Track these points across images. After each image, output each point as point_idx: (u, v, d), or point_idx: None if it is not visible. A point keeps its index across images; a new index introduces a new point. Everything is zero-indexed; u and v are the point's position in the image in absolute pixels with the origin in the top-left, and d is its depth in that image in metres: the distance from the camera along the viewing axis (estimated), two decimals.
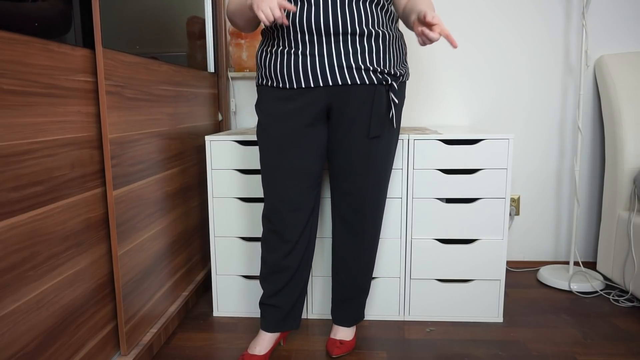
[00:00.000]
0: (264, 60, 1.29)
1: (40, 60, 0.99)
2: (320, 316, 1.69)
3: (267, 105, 1.30)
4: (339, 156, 1.33)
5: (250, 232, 1.66)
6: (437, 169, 1.58)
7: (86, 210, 1.17)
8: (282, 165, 1.30)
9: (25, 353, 0.95)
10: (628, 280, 1.77)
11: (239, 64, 2.11)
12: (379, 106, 1.26)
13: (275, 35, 1.25)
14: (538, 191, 2.16)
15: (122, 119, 1.29)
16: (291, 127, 1.27)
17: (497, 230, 1.60)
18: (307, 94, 1.25)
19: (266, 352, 1.40)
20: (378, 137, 1.30)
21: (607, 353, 1.43)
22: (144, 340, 1.41)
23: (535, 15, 2.04)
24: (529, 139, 2.13)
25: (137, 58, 1.38)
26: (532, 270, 2.13)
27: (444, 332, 1.58)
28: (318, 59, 1.21)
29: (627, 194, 1.83)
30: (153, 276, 1.49)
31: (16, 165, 0.92)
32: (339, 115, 1.28)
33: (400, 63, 1.30)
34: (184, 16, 1.78)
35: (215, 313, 1.72)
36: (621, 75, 1.90)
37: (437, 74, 2.11)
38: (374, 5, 1.22)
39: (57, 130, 1.05)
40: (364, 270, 1.45)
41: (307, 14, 1.18)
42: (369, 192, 1.35)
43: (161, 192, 1.55)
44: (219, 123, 2.15)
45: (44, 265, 1.01)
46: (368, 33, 1.21)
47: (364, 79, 1.23)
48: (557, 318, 1.67)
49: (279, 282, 1.39)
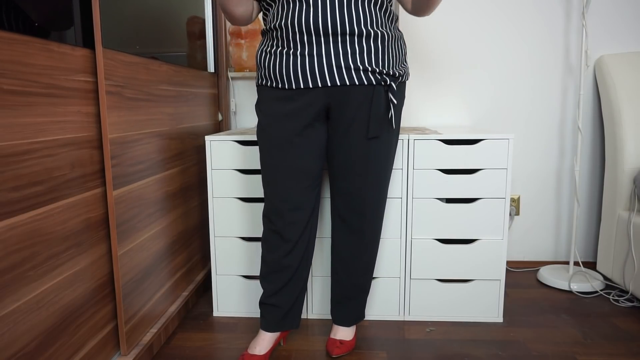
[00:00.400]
0: (263, 60, 1.29)
1: (40, 60, 0.99)
2: (320, 316, 1.69)
3: (266, 105, 1.30)
4: (338, 156, 1.33)
5: (250, 232, 1.66)
6: (437, 169, 1.58)
7: (86, 210, 1.17)
8: (281, 165, 1.30)
9: (25, 353, 0.95)
10: (628, 280, 1.77)
11: (239, 64, 2.11)
12: (378, 107, 1.26)
13: (275, 35, 1.25)
14: (538, 191, 2.16)
15: (122, 119, 1.29)
16: (290, 128, 1.27)
17: (497, 230, 1.60)
18: (306, 94, 1.25)
19: (266, 352, 1.40)
20: (377, 137, 1.30)
21: (607, 353, 1.43)
22: (144, 340, 1.41)
23: (535, 15, 2.04)
24: (529, 139, 2.13)
25: (137, 58, 1.38)
26: (532, 270, 2.13)
27: (444, 332, 1.58)
28: (317, 59, 1.21)
29: (627, 194, 1.83)
30: (153, 276, 1.49)
31: (16, 165, 0.92)
32: (338, 116, 1.28)
33: (399, 63, 1.30)
34: (184, 16, 1.78)
35: (215, 313, 1.72)
36: (621, 75, 1.90)
37: (437, 74, 2.11)
38: (372, 5, 1.22)
39: (57, 130, 1.05)
40: (363, 270, 1.45)
41: (305, 14, 1.18)
42: (368, 192, 1.35)
43: (161, 192, 1.55)
44: (219, 123, 2.15)
45: (44, 265, 1.01)
46: (367, 33, 1.21)
47: (363, 80, 1.23)
48: (557, 318, 1.67)
49: (279, 282, 1.39)
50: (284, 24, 1.21)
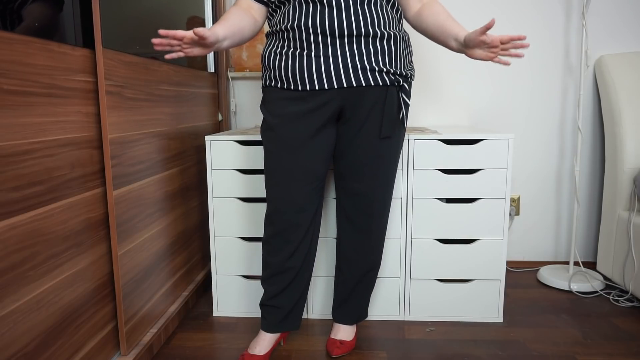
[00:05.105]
0: (272, 61, 1.27)
1: (40, 60, 0.99)
2: (320, 316, 1.69)
3: (275, 106, 1.28)
4: (348, 156, 1.33)
5: (250, 232, 1.66)
6: (437, 169, 1.58)
7: (86, 210, 1.17)
8: (290, 167, 1.29)
9: (25, 353, 0.95)
10: (628, 280, 1.77)
11: (239, 64, 2.11)
12: (391, 107, 1.27)
13: (284, 36, 1.24)
14: (538, 191, 2.16)
15: (122, 119, 1.29)
16: (302, 129, 1.26)
17: (497, 230, 1.60)
18: (319, 95, 1.24)
19: (266, 352, 1.40)
20: (389, 137, 1.30)
21: (607, 353, 1.43)
22: (144, 340, 1.41)
23: (535, 15, 2.04)
24: (529, 139, 2.13)
25: (137, 58, 1.38)
26: (532, 270, 2.13)
27: (444, 332, 1.58)
28: (332, 60, 1.21)
29: (627, 194, 1.83)
30: (153, 276, 1.49)
31: (16, 165, 0.92)
32: (351, 116, 1.28)
33: (408, 64, 1.31)
34: (184, 16, 1.78)
35: (215, 313, 1.72)
36: (621, 75, 1.90)
37: (437, 74, 2.11)
38: (384, 5, 1.23)
39: (57, 130, 1.05)
40: (369, 269, 1.45)
41: (320, 15, 1.18)
42: (377, 192, 1.35)
43: (161, 192, 1.55)
44: (219, 123, 2.15)
45: (44, 265, 1.01)
46: (381, 35, 1.22)
47: (378, 80, 1.23)
48: (557, 318, 1.67)
49: (281, 284, 1.39)
50: (296, 25, 1.20)
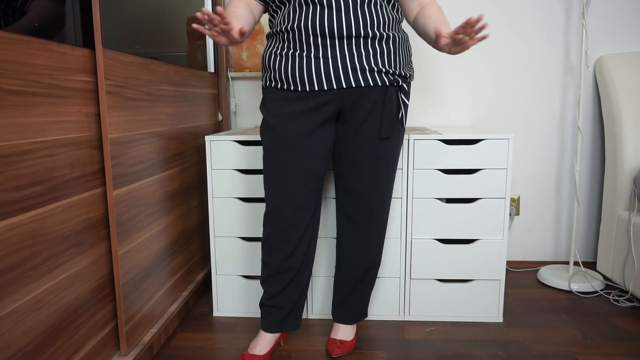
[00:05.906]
0: (272, 63, 1.28)
1: (40, 60, 0.99)
2: (320, 316, 1.69)
3: (275, 106, 1.28)
4: (348, 156, 1.33)
5: (250, 232, 1.66)
6: (437, 169, 1.58)
7: (86, 210, 1.17)
8: (289, 167, 1.29)
9: (25, 353, 0.95)
10: (628, 280, 1.77)
11: (239, 64, 2.11)
12: (390, 107, 1.27)
13: (285, 38, 1.24)
14: (538, 191, 2.16)
15: (122, 119, 1.29)
16: (302, 129, 1.27)
17: (497, 230, 1.60)
18: (320, 96, 1.24)
19: (266, 352, 1.40)
20: (388, 138, 1.30)
21: (607, 353, 1.43)
22: (144, 340, 1.41)
23: (535, 15, 2.04)
24: (529, 139, 2.13)
25: (137, 58, 1.38)
26: (532, 270, 2.13)
27: (444, 332, 1.58)
28: (332, 61, 1.21)
29: (627, 194, 1.83)
30: (153, 276, 1.49)
31: (16, 165, 0.92)
32: (350, 116, 1.28)
33: (407, 64, 1.32)
34: (184, 16, 1.78)
35: (215, 313, 1.72)
36: (621, 75, 1.90)
37: (437, 74, 2.11)
38: (384, 6, 1.23)
39: (57, 130, 1.05)
40: (369, 268, 1.45)
41: (320, 17, 1.18)
42: (377, 192, 1.35)
43: (161, 192, 1.55)
44: (219, 123, 2.15)
45: (44, 265, 1.01)
46: (380, 36, 1.22)
47: (377, 81, 1.24)
48: (557, 318, 1.67)
49: (280, 283, 1.39)
50: (296, 27, 1.20)
